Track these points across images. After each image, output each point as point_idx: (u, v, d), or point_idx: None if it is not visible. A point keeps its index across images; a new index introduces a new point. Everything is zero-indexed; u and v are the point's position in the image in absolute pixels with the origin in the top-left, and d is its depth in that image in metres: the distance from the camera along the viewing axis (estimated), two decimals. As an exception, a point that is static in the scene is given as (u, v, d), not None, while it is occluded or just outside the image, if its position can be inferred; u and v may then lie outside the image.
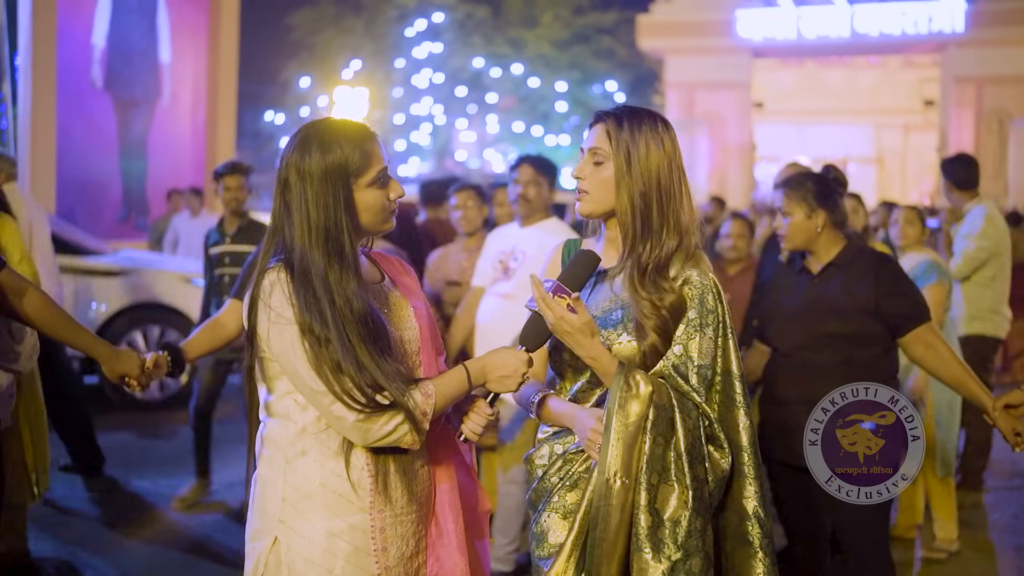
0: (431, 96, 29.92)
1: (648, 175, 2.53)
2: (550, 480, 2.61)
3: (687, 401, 2.49)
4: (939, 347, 3.74)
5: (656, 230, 2.54)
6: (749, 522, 2.55)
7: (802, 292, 3.92)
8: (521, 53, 29.65)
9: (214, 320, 4.14)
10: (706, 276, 2.57)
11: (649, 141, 2.54)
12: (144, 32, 14.22)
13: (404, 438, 2.30)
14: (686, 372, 2.51)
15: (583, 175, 2.61)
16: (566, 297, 2.43)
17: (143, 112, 14.24)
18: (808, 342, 3.83)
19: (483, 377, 2.44)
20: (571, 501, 2.57)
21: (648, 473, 2.41)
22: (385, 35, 30.17)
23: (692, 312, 2.53)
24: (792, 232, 3.88)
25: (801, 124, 31.23)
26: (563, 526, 2.56)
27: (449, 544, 2.51)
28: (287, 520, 2.35)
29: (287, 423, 2.38)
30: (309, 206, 2.31)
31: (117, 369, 3.53)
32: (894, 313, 3.77)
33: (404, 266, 2.70)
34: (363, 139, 2.38)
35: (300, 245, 2.31)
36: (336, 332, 2.24)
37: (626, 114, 2.59)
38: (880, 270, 3.83)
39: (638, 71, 30.72)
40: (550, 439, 2.67)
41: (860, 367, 3.71)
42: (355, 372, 2.23)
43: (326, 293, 2.27)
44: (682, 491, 2.42)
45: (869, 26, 25.67)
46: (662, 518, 2.40)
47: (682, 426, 2.45)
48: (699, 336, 2.52)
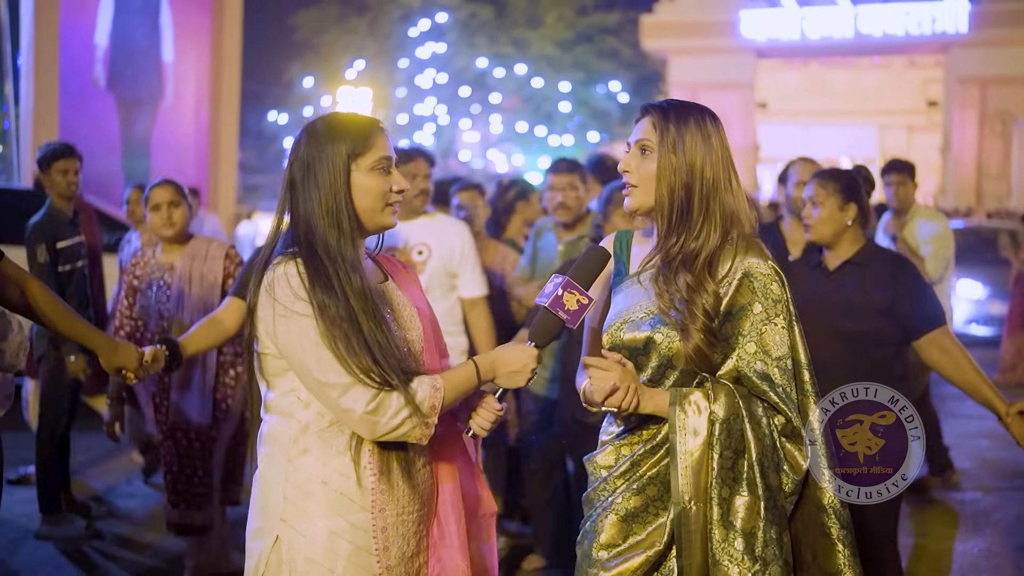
0: (435, 96, 29.92)
1: (692, 167, 2.51)
2: (615, 482, 2.59)
3: (757, 405, 2.46)
4: (954, 351, 3.72)
5: (694, 222, 2.51)
6: (825, 513, 2.52)
7: (817, 288, 3.90)
8: (525, 53, 29.64)
9: (212, 317, 4.15)
10: (765, 263, 2.52)
11: (696, 134, 2.52)
12: (147, 32, 14.24)
13: (412, 432, 2.29)
14: (766, 369, 2.47)
15: (630, 167, 2.59)
16: (577, 294, 2.42)
17: (146, 112, 14.26)
18: (818, 339, 3.77)
19: (492, 372, 2.43)
20: (634, 505, 2.55)
21: (719, 487, 2.41)
22: (389, 35, 30.17)
23: (757, 306, 2.49)
24: (820, 223, 3.85)
25: (805, 124, 31.20)
26: (619, 529, 2.55)
27: (451, 545, 2.50)
28: (288, 519, 2.34)
29: (289, 421, 2.37)
30: (312, 186, 2.35)
31: (114, 361, 3.53)
32: (910, 315, 3.76)
33: (406, 268, 2.70)
34: (368, 126, 2.43)
35: (305, 223, 2.35)
36: (347, 310, 2.27)
37: (673, 107, 2.57)
38: (899, 272, 3.82)
39: (642, 71, 30.69)
40: (615, 440, 2.64)
41: (869, 366, 3.68)
42: (374, 349, 2.25)
43: (336, 271, 2.29)
44: (754, 501, 2.41)
45: (873, 27, 25.65)
46: (736, 529, 2.40)
47: (753, 435, 2.43)
48: (770, 328, 2.48)
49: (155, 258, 4.74)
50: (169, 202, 4.62)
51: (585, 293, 2.43)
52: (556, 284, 2.43)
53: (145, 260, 4.76)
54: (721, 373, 2.50)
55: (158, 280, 4.67)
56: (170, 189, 4.65)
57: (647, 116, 2.59)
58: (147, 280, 4.69)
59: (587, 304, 2.43)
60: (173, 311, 4.61)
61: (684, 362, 2.49)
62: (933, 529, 5.87)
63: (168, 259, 4.70)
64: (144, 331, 4.70)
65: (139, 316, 4.71)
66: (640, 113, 2.63)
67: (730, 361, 2.50)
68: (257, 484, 2.43)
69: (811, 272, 3.98)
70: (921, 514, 6.14)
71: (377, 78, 29.01)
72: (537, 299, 2.46)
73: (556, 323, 2.42)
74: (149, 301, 4.65)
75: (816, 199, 3.86)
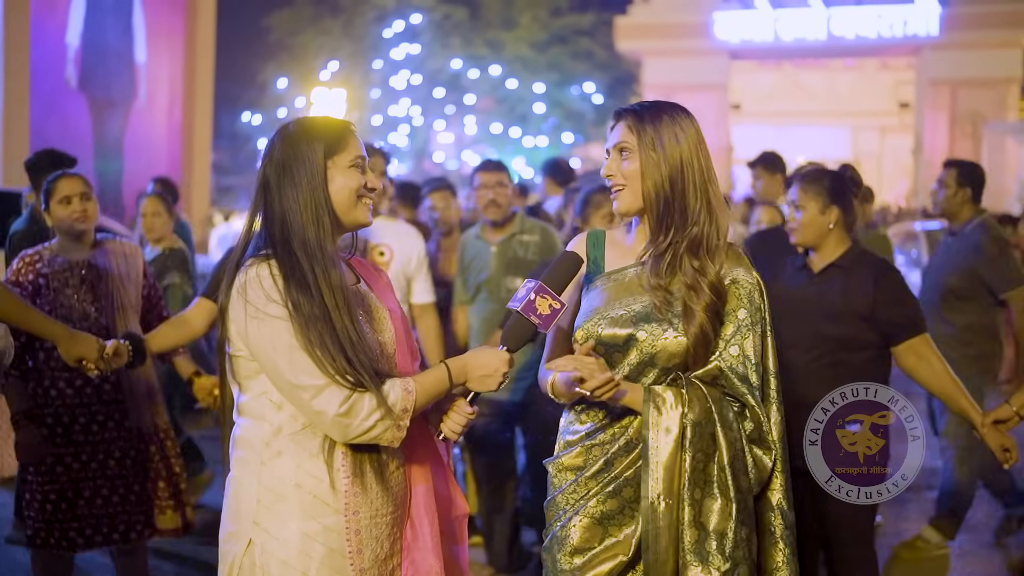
0: (409, 97, 29.84)
1: (674, 161, 2.55)
2: (587, 484, 2.60)
3: (730, 410, 2.50)
4: (932, 359, 3.72)
5: (690, 211, 2.55)
6: (772, 513, 2.58)
7: (799, 290, 3.87)
8: (499, 55, 29.61)
9: (180, 316, 4.10)
10: (750, 274, 2.60)
11: (672, 129, 2.57)
12: (119, 32, 14.14)
13: (384, 435, 2.30)
14: (746, 372, 2.53)
15: (613, 172, 2.62)
16: (549, 299, 2.43)
17: (119, 112, 14.16)
18: (798, 341, 3.77)
19: (464, 376, 2.44)
20: (609, 508, 2.56)
21: (691, 489, 2.44)
22: (363, 36, 30.06)
23: (742, 312, 2.55)
24: (803, 227, 3.83)
25: (778, 126, 31.32)
26: (593, 533, 2.56)
27: (424, 547, 2.50)
28: (261, 522, 2.34)
29: (261, 424, 2.36)
30: (288, 184, 2.36)
31: (74, 351, 3.48)
32: (890, 321, 3.75)
33: (379, 271, 2.71)
34: (341, 127, 2.46)
35: (281, 221, 2.35)
36: (321, 308, 2.27)
37: (645, 107, 2.62)
38: (881, 276, 3.80)
39: (616, 73, 30.72)
40: (584, 440, 2.64)
41: (849, 371, 3.66)
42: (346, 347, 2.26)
43: (313, 267, 2.30)
44: (726, 503, 2.45)
45: (845, 29, 25.80)
46: (708, 531, 2.44)
47: (724, 439, 2.47)
48: (752, 335, 2.55)
49: (63, 256, 4.16)
50: (81, 194, 4.11)
51: (557, 298, 2.45)
52: (529, 289, 2.45)
53: (46, 257, 4.15)
54: (699, 374, 2.53)
55: (74, 280, 4.12)
56: (81, 180, 4.16)
57: (621, 120, 2.62)
58: (61, 280, 4.11)
59: (559, 309, 2.45)
60: (106, 313, 4.17)
61: (666, 360, 2.52)
62: (904, 527, 5.91)
63: (79, 256, 4.16)
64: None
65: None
66: (614, 119, 2.66)
67: (712, 362, 2.54)
68: (230, 488, 2.43)
69: (796, 273, 3.94)
70: (891, 513, 6.17)
71: (351, 79, 28.90)
72: (510, 303, 2.48)
73: (528, 328, 2.44)
74: (71, 302, 4.11)
75: (799, 202, 3.84)
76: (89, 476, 4.06)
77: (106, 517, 4.08)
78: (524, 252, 5.13)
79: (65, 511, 4.00)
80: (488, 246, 5.20)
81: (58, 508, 4.00)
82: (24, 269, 4.10)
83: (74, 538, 4.04)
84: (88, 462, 4.06)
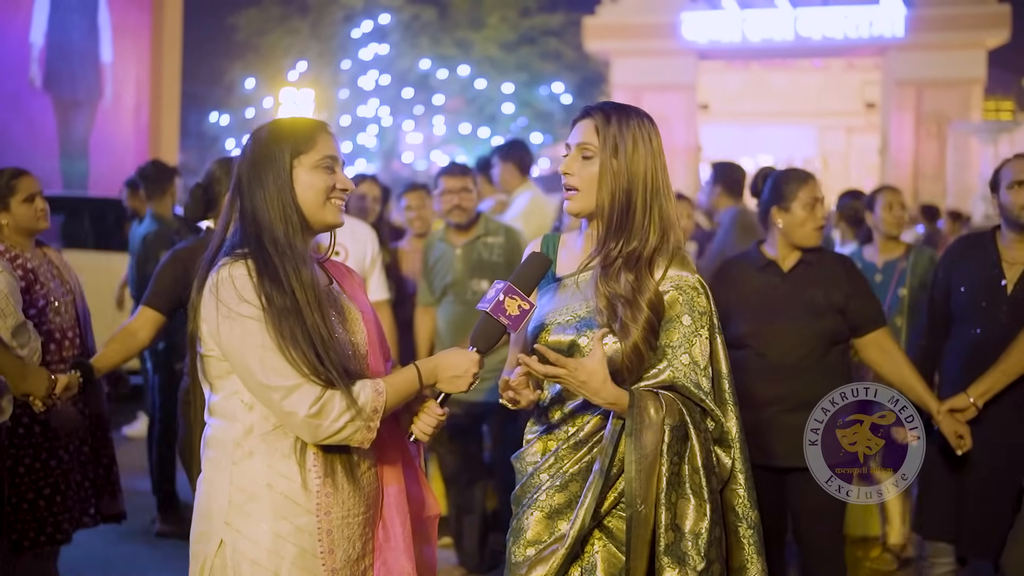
0: (377, 98, 29.74)
1: (634, 171, 2.54)
2: (539, 477, 2.61)
3: (696, 412, 2.51)
4: (894, 352, 3.81)
5: (636, 226, 2.54)
6: (735, 514, 2.61)
7: (772, 289, 3.85)
8: (468, 55, 29.59)
9: (124, 330, 3.89)
10: (693, 276, 2.58)
11: (636, 137, 2.55)
12: (85, 31, 14.02)
13: (354, 436, 2.30)
14: (698, 379, 2.52)
15: (572, 171, 2.60)
16: (519, 299, 2.43)
17: (84, 113, 14.04)
18: (789, 339, 3.78)
19: (434, 377, 2.44)
20: (558, 502, 2.57)
21: (668, 493, 2.44)
22: (331, 36, 29.94)
23: (686, 318, 2.54)
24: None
25: (746, 125, 31.52)
26: (544, 526, 2.57)
27: (396, 548, 2.50)
28: (233, 522, 2.33)
29: (233, 424, 2.36)
30: (257, 184, 2.37)
31: (22, 387, 3.37)
32: (858, 314, 3.80)
33: (351, 271, 2.70)
34: (312, 126, 2.45)
35: (252, 219, 2.36)
36: (293, 304, 2.28)
37: (614, 109, 2.59)
38: (850, 269, 3.88)
39: (585, 73, 30.78)
40: (541, 436, 2.66)
41: (825, 367, 3.73)
42: (316, 344, 2.26)
43: (283, 264, 2.30)
44: (700, 504, 2.46)
45: (812, 30, 25.95)
46: (683, 532, 2.44)
47: (697, 440, 2.48)
48: (698, 340, 2.54)
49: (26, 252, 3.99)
50: (40, 192, 3.98)
51: (526, 299, 2.45)
52: (498, 290, 2.45)
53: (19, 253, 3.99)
54: (653, 384, 2.53)
55: (45, 292, 3.97)
56: (37, 179, 4.00)
57: (589, 119, 2.60)
58: (45, 273, 4.01)
59: (528, 310, 2.45)
60: (76, 329, 4.06)
61: (609, 367, 2.50)
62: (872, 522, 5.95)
63: (37, 262, 4.01)
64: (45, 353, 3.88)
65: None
66: (580, 114, 2.64)
67: (664, 372, 2.53)
68: (201, 488, 2.42)
69: (759, 272, 3.89)
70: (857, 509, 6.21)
71: (319, 80, 28.78)
72: (479, 304, 2.48)
73: (498, 328, 2.45)
74: (61, 290, 4.02)
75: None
76: (74, 466, 4.01)
77: (79, 501, 4.03)
78: (489, 254, 5.14)
79: (59, 503, 3.92)
80: (453, 248, 5.20)
81: (52, 502, 3.91)
82: (12, 266, 3.97)
83: (67, 529, 3.96)
84: (75, 452, 4.02)
